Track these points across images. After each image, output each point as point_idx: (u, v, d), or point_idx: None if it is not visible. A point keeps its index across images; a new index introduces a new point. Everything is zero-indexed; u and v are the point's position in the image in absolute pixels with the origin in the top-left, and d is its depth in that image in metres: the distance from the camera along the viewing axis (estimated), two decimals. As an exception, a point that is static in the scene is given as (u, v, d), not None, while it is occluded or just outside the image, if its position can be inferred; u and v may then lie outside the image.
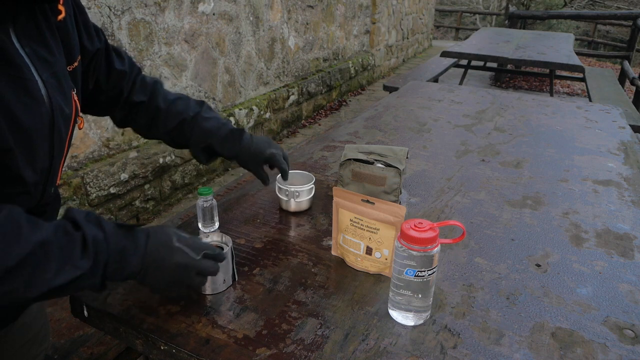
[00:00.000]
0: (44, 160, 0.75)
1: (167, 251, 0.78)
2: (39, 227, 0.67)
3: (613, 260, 1.10)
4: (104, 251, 0.71)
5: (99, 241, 0.71)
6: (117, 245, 0.73)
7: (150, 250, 0.77)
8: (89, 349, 1.75)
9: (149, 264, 0.76)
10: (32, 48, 0.71)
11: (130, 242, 0.75)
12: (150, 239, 0.78)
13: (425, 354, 0.82)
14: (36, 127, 0.71)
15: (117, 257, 0.73)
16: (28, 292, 0.65)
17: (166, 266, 0.78)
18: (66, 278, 0.67)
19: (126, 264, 0.74)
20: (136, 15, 2.84)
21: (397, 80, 4.74)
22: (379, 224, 0.98)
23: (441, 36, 15.84)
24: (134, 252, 0.75)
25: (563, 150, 1.79)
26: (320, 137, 1.91)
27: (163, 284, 0.79)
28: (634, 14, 7.69)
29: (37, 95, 0.70)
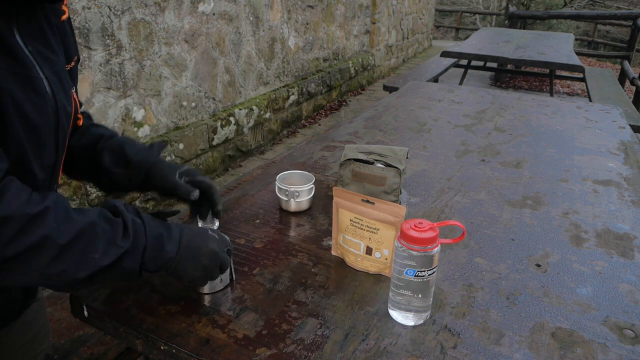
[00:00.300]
0: (51, 156, 0.77)
1: (203, 238, 0.83)
2: (84, 212, 0.71)
3: (613, 260, 1.10)
4: (142, 235, 0.75)
5: (137, 225, 0.75)
6: (155, 231, 0.77)
7: (185, 238, 0.81)
8: (89, 349, 1.75)
9: (184, 251, 0.80)
10: (35, 47, 0.72)
11: (167, 230, 0.79)
12: (185, 229, 0.82)
13: (425, 354, 0.82)
14: (43, 123, 0.72)
15: (154, 243, 0.76)
16: (78, 272, 0.68)
17: (202, 252, 0.82)
18: (111, 258, 0.70)
19: (163, 250, 0.77)
20: (136, 15, 2.85)
21: (397, 80, 4.74)
22: (379, 224, 0.98)
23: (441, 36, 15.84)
24: (170, 238, 0.79)
25: (563, 150, 1.79)
26: (320, 137, 1.91)
27: (193, 270, 0.82)
28: (634, 14, 7.69)
29: (43, 92, 0.72)
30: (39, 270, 0.66)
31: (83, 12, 2.51)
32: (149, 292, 0.96)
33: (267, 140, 4.43)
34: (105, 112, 2.78)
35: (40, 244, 0.64)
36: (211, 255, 0.83)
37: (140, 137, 3.05)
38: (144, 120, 3.06)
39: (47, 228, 0.65)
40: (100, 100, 2.72)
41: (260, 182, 1.48)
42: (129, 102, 2.92)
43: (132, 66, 2.89)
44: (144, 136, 3.07)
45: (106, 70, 2.72)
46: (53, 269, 0.66)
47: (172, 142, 3.23)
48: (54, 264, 0.66)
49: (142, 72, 2.96)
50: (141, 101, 3.01)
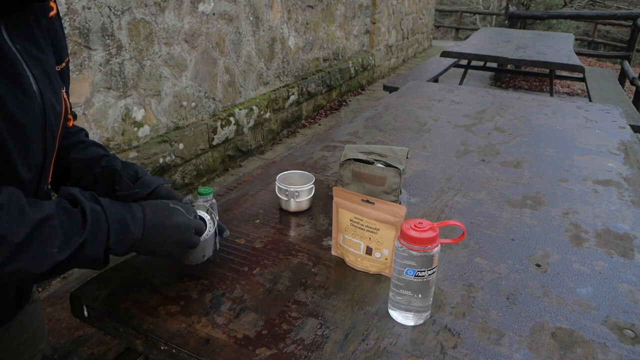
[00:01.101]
0: (38, 156, 0.76)
1: (166, 213, 0.82)
2: (40, 205, 0.69)
3: (613, 260, 1.10)
4: (103, 221, 0.73)
5: (97, 212, 0.73)
6: (116, 215, 0.75)
7: (148, 215, 0.80)
8: (89, 349, 1.75)
9: (150, 229, 0.79)
10: (23, 45, 0.72)
11: (128, 212, 0.78)
12: (146, 207, 0.81)
13: (425, 354, 0.82)
14: (30, 122, 0.72)
15: (117, 226, 0.75)
16: (37, 268, 0.67)
17: (168, 226, 0.81)
18: (70, 250, 0.69)
19: (127, 232, 0.76)
20: (136, 15, 2.85)
21: (397, 80, 4.74)
22: (379, 224, 0.98)
23: (441, 36, 15.84)
24: (133, 219, 0.77)
25: (563, 150, 1.79)
26: (320, 137, 1.91)
27: (165, 247, 0.82)
28: (634, 14, 7.69)
29: (30, 90, 0.71)
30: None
31: (83, 12, 2.51)
32: (149, 292, 0.96)
33: (267, 140, 4.43)
34: (105, 112, 2.78)
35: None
36: (179, 227, 0.82)
37: (140, 137, 3.05)
38: (144, 120, 3.06)
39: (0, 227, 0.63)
40: (100, 100, 2.72)
41: (260, 182, 1.48)
42: (129, 102, 2.92)
43: (132, 66, 2.89)
44: (144, 136, 3.07)
45: (106, 70, 2.72)
46: (9, 268, 0.65)
47: (172, 142, 3.23)
48: (10, 263, 0.65)
49: (142, 72, 2.96)
50: (141, 101, 3.01)
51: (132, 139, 3.01)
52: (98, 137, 2.76)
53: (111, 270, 1.03)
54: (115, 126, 2.86)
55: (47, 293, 2.16)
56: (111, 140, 2.85)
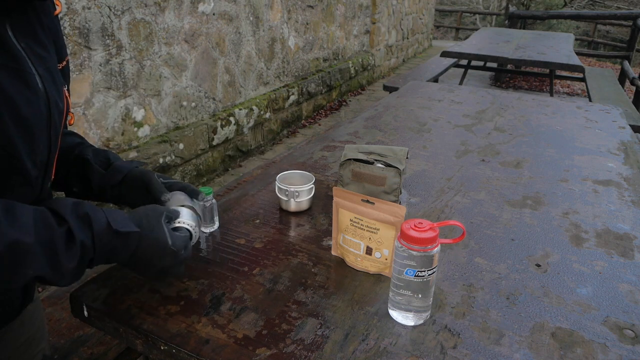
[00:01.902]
0: (43, 153, 0.77)
1: (160, 253, 0.80)
2: (21, 224, 0.64)
3: (613, 260, 1.10)
4: (90, 253, 0.72)
5: (86, 247, 0.70)
6: (106, 247, 0.73)
7: (140, 252, 0.78)
8: (89, 349, 1.75)
9: (136, 261, 0.79)
10: (27, 44, 0.72)
11: (121, 244, 0.75)
12: (143, 241, 0.77)
13: (425, 354, 0.82)
14: (36, 119, 0.72)
15: (104, 256, 0.74)
16: (11, 284, 0.66)
17: (154, 265, 0.80)
18: (49, 275, 0.67)
19: (113, 259, 0.76)
20: (136, 15, 2.85)
21: (397, 80, 4.74)
22: (379, 224, 0.98)
23: (441, 36, 15.84)
24: (122, 253, 0.76)
25: (563, 150, 1.79)
26: (320, 137, 1.91)
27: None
28: (634, 14, 7.69)
29: (36, 88, 0.72)
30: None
31: (83, 12, 2.51)
32: (149, 292, 0.96)
33: (267, 140, 4.43)
34: (105, 112, 2.78)
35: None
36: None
37: (140, 137, 3.05)
38: (144, 120, 3.06)
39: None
40: (100, 100, 2.72)
41: (260, 182, 1.48)
42: (129, 102, 2.92)
43: (132, 66, 2.89)
44: (143, 136, 3.07)
45: (106, 70, 2.72)
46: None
47: (172, 142, 3.23)
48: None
49: (142, 72, 2.96)
50: (141, 101, 3.01)
51: (132, 139, 3.01)
52: (98, 137, 2.76)
53: (111, 270, 1.03)
54: (115, 126, 2.86)
55: (47, 293, 2.16)
56: (111, 140, 2.85)
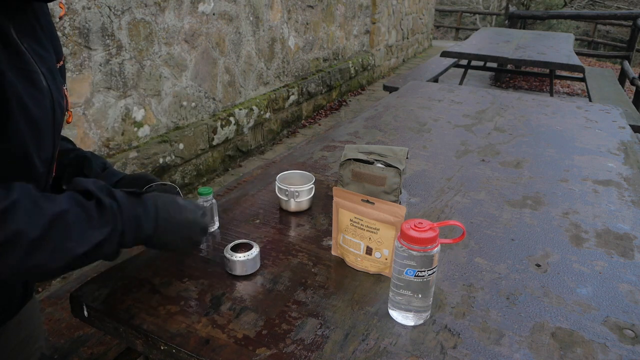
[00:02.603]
0: (48, 150, 0.78)
1: (177, 209, 0.83)
2: (54, 199, 0.69)
3: (613, 260, 1.10)
4: (119, 218, 0.74)
5: (114, 209, 0.74)
6: (131, 212, 0.76)
7: (161, 212, 0.81)
8: (89, 349, 1.75)
9: (161, 225, 0.80)
10: (30, 44, 0.74)
11: (142, 209, 0.79)
12: (158, 202, 0.82)
13: (425, 354, 0.82)
14: (42, 117, 0.73)
15: (132, 225, 0.76)
16: (53, 263, 0.67)
17: (177, 222, 0.83)
18: (89, 245, 0.70)
19: (141, 230, 0.78)
20: (136, 15, 2.84)
21: (397, 80, 4.74)
22: (379, 224, 0.98)
23: (441, 36, 15.84)
24: (147, 218, 0.78)
25: (563, 150, 1.79)
26: (320, 137, 1.91)
27: (174, 242, 0.84)
28: (634, 14, 7.69)
29: (42, 86, 0.73)
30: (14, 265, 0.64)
31: (83, 12, 2.51)
32: (149, 292, 0.96)
33: (267, 140, 4.43)
34: (105, 112, 2.77)
35: (11, 240, 0.63)
36: (189, 224, 0.84)
37: (140, 137, 3.05)
38: (144, 120, 3.05)
39: (15, 222, 0.63)
40: (100, 100, 2.72)
41: (260, 182, 1.48)
42: (129, 102, 2.92)
43: (132, 66, 2.89)
44: (143, 136, 3.07)
45: (106, 70, 2.72)
46: (27, 264, 0.65)
47: (172, 142, 3.23)
48: (28, 259, 0.64)
49: (142, 72, 2.96)
50: (141, 101, 3.01)
51: (132, 139, 3.00)
52: (98, 137, 2.76)
53: (111, 270, 1.03)
54: (115, 126, 2.86)
55: (47, 293, 2.16)
56: (111, 140, 2.85)
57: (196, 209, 0.88)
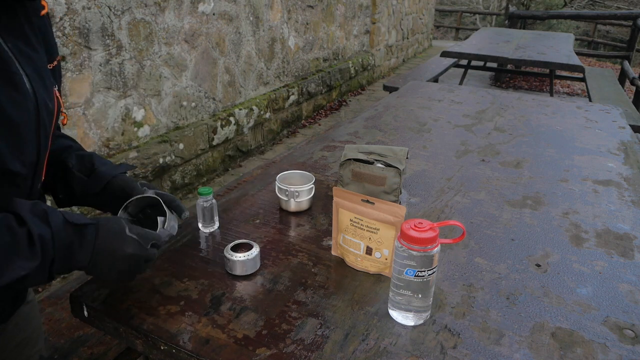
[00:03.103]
0: (32, 154, 0.76)
1: (119, 241, 0.78)
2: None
3: (613, 260, 1.10)
4: (51, 249, 0.70)
5: (45, 240, 0.69)
6: (64, 241, 0.72)
7: (100, 243, 0.76)
8: (89, 349, 1.75)
9: (98, 256, 0.76)
10: (15, 44, 0.72)
11: (78, 238, 0.74)
12: (100, 231, 0.77)
13: (425, 354, 0.82)
14: (23, 121, 0.71)
15: (63, 253, 0.72)
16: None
17: (118, 256, 0.77)
18: (11, 277, 0.65)
19: (73, 260, 0.73)
20: (136, 15, 2.84)
21: (397, 80, 4.74)
22: (379, 224, 0.98)
23: (441, 36, 15.84)
24: (81, 247, 0.74)
25: (563, 150, 1.79)
26: (320, 137, 1.91)
27: (112, 275, 0.79)
28: (634, 14, 7.69)
29: (24, 89, 0.71)
30: None
31: (83, 12, 2.51)
32: (149, 292, 0.96)
33: (267, 140, 4.43)
34: (105, 112, 2.77)
35: None
36: (129, 259, 0.78)
37: (140, 137, 3.05)
38: (144, 120, 3.05)
39: None
40: (100, 100, 2.72)
41: (260, 182, 1.48)
42: (129, 102, 2.92)
43: (132, 66, 2.89)
44: (143, 136, 3.07)
45: (106, 70, 2.72)
46: None
47: (172, 142, 3.23)
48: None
49: (142, 72, 2.96)
50: (141, 101, 3.01)
51: (132, 139, 3.00)
52: (98, 137, 2.76)
53: (111, 270, 1.02)
54: (115, 126, 2.86)
55: (47, 293, 2.16)
56: (111, 140, 2.85)
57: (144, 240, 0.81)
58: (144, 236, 0.81)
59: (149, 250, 0.82)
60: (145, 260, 0.82)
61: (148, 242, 0.82)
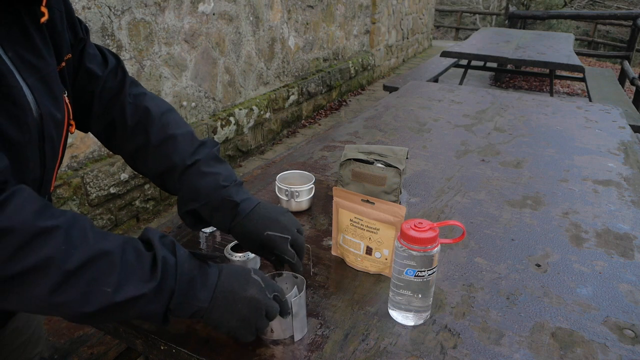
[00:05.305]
0: (35, 170, 0.71)
1: (243, 283, 0.72)
2: (107, 237, 0.63)
3: (613, 260, 1.10)
4: (172, 277, 0.66)
5: (168, 265, 0.66)
6: (188, 274, 0.68)
7: (222, 283, 0.71)
8: (89, 349, 1.75)
9: (218, 298, 0.70)
10: (17, 52, 0.66)
11: (202, 274, 0.70)
12: (223, 272, 0.72)
13: (425, 354, 0.82)
14: (23, 137, 0.65)
15: (185, 287, 0.67)
16: (84, 306, 0.60)
17: (238, 299, 0.71)
18: (126, 295, 0.62)
19: (194, 298, 0.68)
20: (136, 15, 2.84)
21: (397, 80, 4.74)
22: (379, 224, 0.98)
23: (441, 36, 15.84)
24: (204, 284, 0.69)
25: (563, 150, 1.79)
26: (320, 137, 1.91)
27: (231, 322, 0.72)
28: (634, 14, 7.69)
29: (22, 102, 0.65)
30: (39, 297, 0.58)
31: (83, 12, 2.51)
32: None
33: (267, 140, 4.43)
34: (105, 112, 2.77)
35: (41, 266, 0.56)
36: (250, 303, 0.71)
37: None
38: (144, 120, 3.05)
39: (52, 248, 0.57)
40: (100, 100, 2.72)
41: (260, 182, 1.48)
42: (129, 102, 2.92)
43: (132, 66, 2.89)
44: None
45: (106, 70, 2.72)
46: (56, 298, 0.58)
47: (172, 142, 3.23)
48: (57, 291, 0.58)
49: (142, 72, 2.96)
50: (141, 101, 3.01)
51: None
52: (98, 137, 2.76)
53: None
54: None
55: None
56: (111, 140, 2.85)
57: (268, 287, 0.74)
58: (267, 282, 0.75)
59: (271, 301, 0.74)
60: (266, 310, 0.73)
61: (271, 290, 0.75)
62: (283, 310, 0.77)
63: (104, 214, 2.80)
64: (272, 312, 0.74)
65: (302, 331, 0.84)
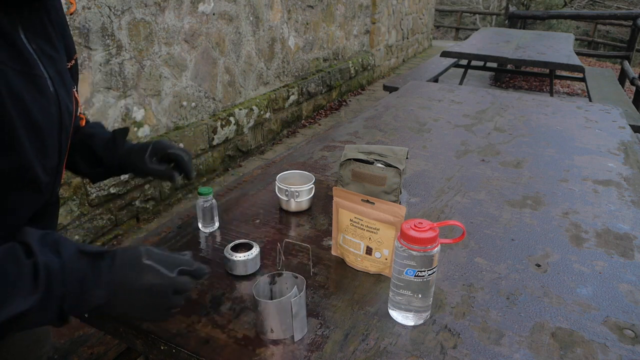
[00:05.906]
0: (54, 158, 0.74)
1: (136, 271, 0.67)
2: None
3: (613, 260, 1.10)
4: (59, 282, 0.60)
5: (52, 270, 0.60)
6: (76, 274, 0.62)
7: (115, 275, 0.66)
8: (89, 349, 1.75)
9: (115, 292, 0.65)
10: (39, 44, 0.70)
11: (93, 270, 0.64)
12: (115, 264, 0.66)
13: (425, 354, 0.82)
14: (47, 124, 0.70)
15: (76, 288, 0.62)
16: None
17: (135, 289, 0.66)
18: (9, 313, 0.57)
19: (89, 296, 0.63)
20: (136, 15, 2.84)
21: (397, 80, 4.74)
22: (379, 224, 0.98)
23: (441, 36, 15.83)
24: (96, 281, 0.64)
25: (563, 150, 1.79)
26: (320, 137, 1.91)
27: (137, 311, 0.68)
28: (634, 14, 7.68)
29: (47, 92, 0.70)
30: None
31: (83, 12, 2.51)
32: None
33: (267, 140, 4.43)
34: (105, 112, 2.77)
35: None
36: (149, 290, 0.67)
37: (140, 137, 3.05)
38: (144, 120, 3.05)
39: None
40: (100, 100, 2.72)
41: (260, 182, 1.48)
42: (129, 102, 2.92)
43: (132, 66, 2.89)
44: (144, 136, 3.07)
45: (106, 70, 2.72)
46: None
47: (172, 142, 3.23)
48: None
49: (142, 72, 2.96)
50: (141, 101, 3.01)
51: (132, 139, 2.99)
52: (98, 137, 2.76)
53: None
54: (115, 126, 2.86)
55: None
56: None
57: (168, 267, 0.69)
58: (165, 262, 0.69)
59: (177, 279, 0.69)
60: (174, 290, 0.69)
61: (173, 268, 0.69)
62: (197, 277, 0.73)
63: (104, 214, 2.80)
64: (183, 287, 0.70)
65: (302, 331, 0.84)
